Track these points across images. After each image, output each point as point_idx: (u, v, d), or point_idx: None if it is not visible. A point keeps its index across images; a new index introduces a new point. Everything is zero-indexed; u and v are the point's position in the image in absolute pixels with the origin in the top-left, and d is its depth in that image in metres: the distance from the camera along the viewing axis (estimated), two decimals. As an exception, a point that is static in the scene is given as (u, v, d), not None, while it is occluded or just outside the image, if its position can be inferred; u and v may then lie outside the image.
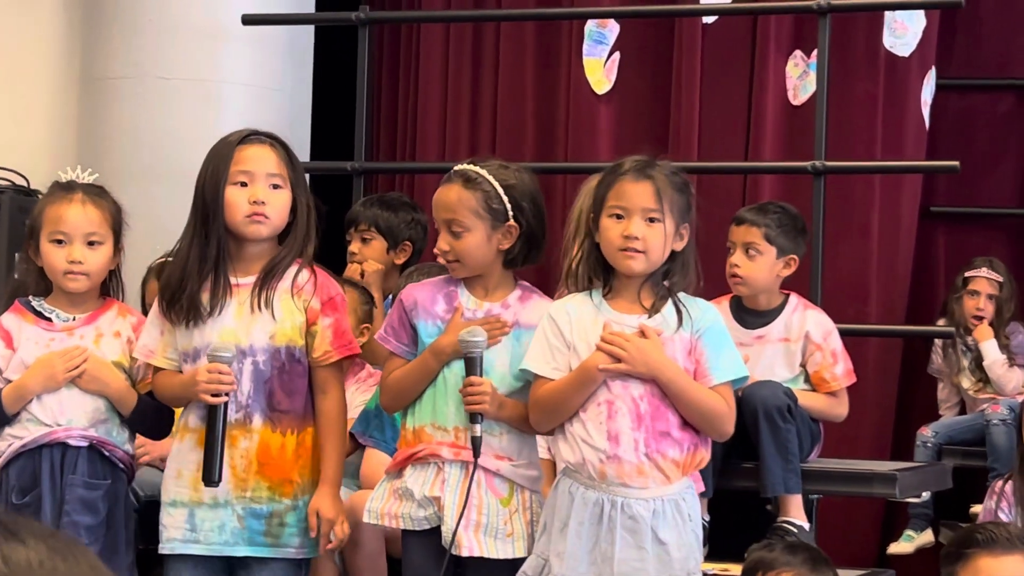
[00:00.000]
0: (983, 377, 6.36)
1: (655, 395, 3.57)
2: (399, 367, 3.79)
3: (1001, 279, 6.38)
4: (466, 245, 3.72)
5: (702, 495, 4.17)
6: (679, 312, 3.62)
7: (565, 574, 3.57)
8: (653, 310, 3.62)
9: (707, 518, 4.47)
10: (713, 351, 3.62)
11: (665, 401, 3.57)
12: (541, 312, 3.74)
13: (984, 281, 6.38)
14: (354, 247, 5.15)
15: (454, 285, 3.80)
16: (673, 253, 3.64)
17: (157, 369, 3.88)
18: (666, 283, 3.64)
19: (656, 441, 3.56)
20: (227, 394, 3.70)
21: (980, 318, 6.37)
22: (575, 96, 6.52)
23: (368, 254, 5.12)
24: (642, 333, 3.58)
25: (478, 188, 3.73)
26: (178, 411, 3.95)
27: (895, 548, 6.19)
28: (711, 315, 3.68)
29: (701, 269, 3.72)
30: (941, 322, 6.45)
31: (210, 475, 3.69)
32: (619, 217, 3.61)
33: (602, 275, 3.68)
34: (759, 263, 4.65)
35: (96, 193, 4.01)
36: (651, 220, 3.59)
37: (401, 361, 3.79)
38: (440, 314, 3.76)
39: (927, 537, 6.19)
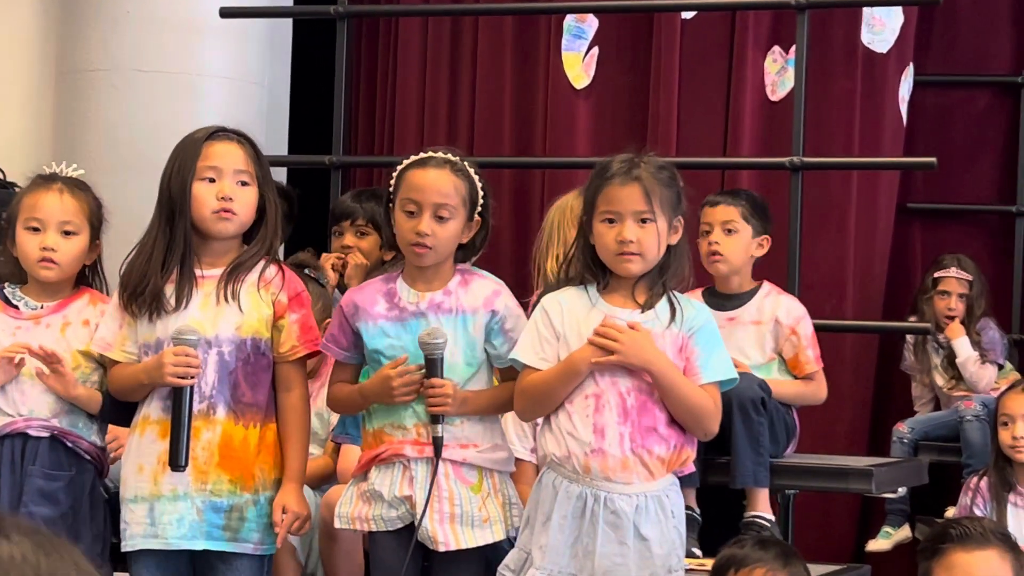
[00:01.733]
0: (956, 374, 6.36)
1: (642, 390, 3.56)
2: (343, 373, 3.82)
3: (971, 277, 6.38)
4: (449, 232, 3.71)
5: (689, 483, 4.19)
6: (672, 309, 3.62)
7: (547, 567, 3.57)
8: (647, 306, 3.62)
9: (698, 510, 4.50)
10: (704, 350, 3.61)
11: (652, 397, 3.56)
12: (484, 292, 3.75)
13: (954, 281, 6.38)
14: (349, 240, 5.12)
15: (392, 283, 3.78)
16: (668, 247, 3.64)
17: (114, 363, 3.83)
18: (663, 279, 3.63)
19: (642, 436, 3.55)
20: (193, 377, 3.65)
21: (952, 318, 6.37)
22: (553, 91, 6.51)
23: (364, 248, 5.10)
24: (632, 329, 3.57)
25: (465, 178, 3.73)
26: None
27: (873, 545, 6.19)
28: (704, 316, 3.67)
29: (692, 264, 3.73)
30: (912, 319, 6.46)
31: (176, 459, 3.63)
32: (611, 221, 3.60)
33: (597, 272, 3.67)
34: (736, 240, 4.78)
35: (76, 185, 4.00)
36: (643, 221, 3.58)
37: (346, 369, 3.81)
38: (382, 313, 3.74)
39: (904, 533, 6.19)
